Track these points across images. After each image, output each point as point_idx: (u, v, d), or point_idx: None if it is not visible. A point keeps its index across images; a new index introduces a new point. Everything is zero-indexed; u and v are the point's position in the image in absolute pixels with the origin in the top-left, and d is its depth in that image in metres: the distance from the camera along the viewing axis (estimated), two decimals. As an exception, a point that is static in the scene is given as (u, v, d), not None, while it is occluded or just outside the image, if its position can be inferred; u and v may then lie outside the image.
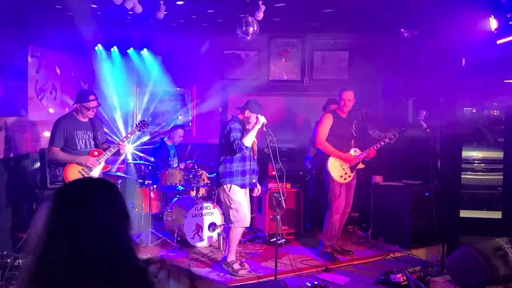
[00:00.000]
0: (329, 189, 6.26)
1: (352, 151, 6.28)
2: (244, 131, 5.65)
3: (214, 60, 8.59)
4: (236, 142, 5.50)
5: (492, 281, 4.70)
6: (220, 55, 8.64)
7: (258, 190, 6.01)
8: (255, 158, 5.84)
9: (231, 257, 5.84)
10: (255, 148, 5.83)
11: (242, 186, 5.72)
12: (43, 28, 6.65)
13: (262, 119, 5.49)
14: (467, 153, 8.69)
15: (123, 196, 1.70)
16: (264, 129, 5.47)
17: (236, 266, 5.78)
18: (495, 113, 9.52)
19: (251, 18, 5.60)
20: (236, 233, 5.79)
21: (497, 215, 7.79)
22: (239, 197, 5.70)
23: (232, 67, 8.64)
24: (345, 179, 6.24)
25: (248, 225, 5.95)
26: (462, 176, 7.61)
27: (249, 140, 5.56)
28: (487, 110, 9.44)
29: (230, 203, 5.71)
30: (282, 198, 5.36)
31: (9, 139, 6.00)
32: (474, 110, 9.39)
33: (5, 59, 5.88)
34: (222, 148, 5.77)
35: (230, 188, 5.68)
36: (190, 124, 8.82)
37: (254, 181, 5.80)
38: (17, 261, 5.53)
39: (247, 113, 5.66)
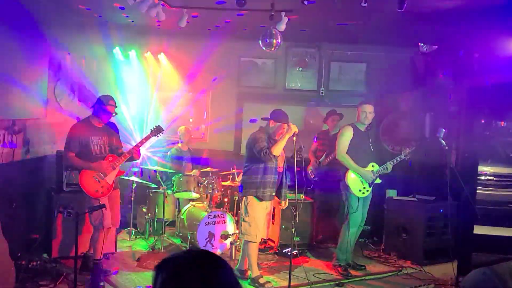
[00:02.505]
0: (347, 202, 6.23)
1: (370, 166, 6.25)
2: (270, 141, 5.60)
3: (230, 67, 8.59)
4: (264, 151, 5.42)
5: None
6: (236, 62, 8.65)
7: (285, 203, 5.97)
8: (279, 171, 5.76)
9: (255, 272, 5.74)
10: (280, 161, 5.76)
11: (262, 198, 5.63)
12: (63, 31, 6.67)
13: (294, 128, 5.38)
14: (479, 168, 8.63)
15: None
16: (294, 138, 5.37)
17: (262, 280, 5.69)
18: (502, 124, 9.42)
19: (275, 30, 5.58)
20: (251, 248, 5.67)
21: (509, 232, 7.73)
22: (256, 211, 5.63)
23: (249, 75, 8.66)
24: (363, 193, 6.21)
25: (258, 241, 5.78)
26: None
27: (278, 149, 5.46)
28: (494, 121, 9.34)
29: (244, 215, 5.67)
30: (297, 211, 5.34)
31: (27, 141, 6.02)
32: (482, 120, 9.30)
33: (25, 61, 5.90)
34: (248, 159, 5.71)
35: (250, 200, 5.64)
36: (204, 130, 8.83)
37: (273, 194, 5.73)
38: (32, 263, 5.56)
39: (271, 123, 5.61)
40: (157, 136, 6.09)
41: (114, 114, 5.65)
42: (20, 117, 5.86)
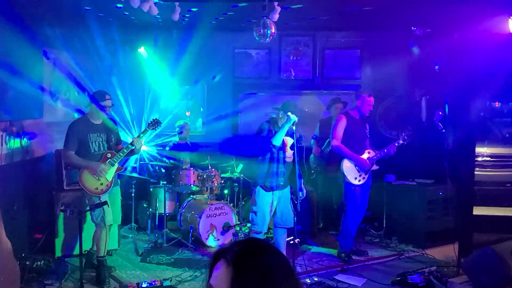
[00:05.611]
0: (344, 190, 6.26)
1: (366, 153, 6.26)
2: (275, 131, 5.56)
3: (225, 58, 8.58)
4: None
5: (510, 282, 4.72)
6: (231, 54, 8.63)
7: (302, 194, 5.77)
8: (286, 161, 5.70)
9: None
10: (288, 150, 5.72)
11: (270, 188, 5.57)
12: (57, 30, 6.63)
13: (293, 118, 5.37)
14: (476, 149, 8.65)
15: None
16: (294, 127, 5.39)
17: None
18: (497, 105, 9.45)
19: (269, 20, 5.57)
20: None
21: (508, 212, 7.78)
22: (263, 201, 5.62)
23: (243, 66, 8.65)
24: (359, 181, 6.23)
25: (265, 231, 5.75)
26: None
27: (278, 138, 5.46)
28: (489, 102, 9.37)
29: (252, 204, 5.70)
30: (298, 201, 5.38)
31: (25, 141, 6.01)
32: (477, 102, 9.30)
33: (20, 62, 5.86)
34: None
35: (258, 190, 5.64)
36: (201, 123, 8.83)
37: (281, 184, 5.65)
38: (36, 263, 5.57)
39: (281, 114, 5.57)
40: (155, 130, 6.09)
41: (112, 105, 5.66)
42: (18, 117, 5.84)
